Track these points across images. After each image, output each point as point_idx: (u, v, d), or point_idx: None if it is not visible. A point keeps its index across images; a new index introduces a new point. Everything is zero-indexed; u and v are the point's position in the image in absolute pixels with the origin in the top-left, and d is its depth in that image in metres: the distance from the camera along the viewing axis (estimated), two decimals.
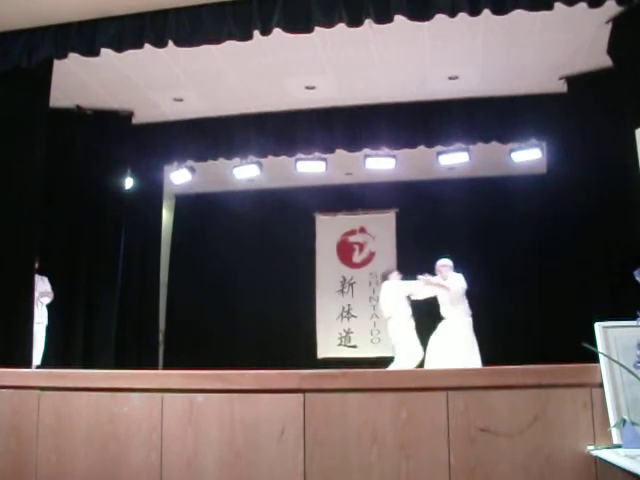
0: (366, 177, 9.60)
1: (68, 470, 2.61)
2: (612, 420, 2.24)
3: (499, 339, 8.66)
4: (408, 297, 7.85)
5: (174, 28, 5.50)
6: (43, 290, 6.79)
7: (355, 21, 5.22)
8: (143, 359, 8.27)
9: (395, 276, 8.09)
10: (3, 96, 5.97)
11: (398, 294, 7.85)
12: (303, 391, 2.48)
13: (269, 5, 5.31)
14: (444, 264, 7.62)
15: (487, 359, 6.98)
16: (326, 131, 7.97)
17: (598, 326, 2.36)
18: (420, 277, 7.59)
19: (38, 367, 6.28)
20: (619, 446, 2.18)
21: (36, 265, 6.30)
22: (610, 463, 2.07)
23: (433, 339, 7.44)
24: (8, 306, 5.67)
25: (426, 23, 5.37)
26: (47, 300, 6.89)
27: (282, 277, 10.19)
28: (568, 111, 7.24)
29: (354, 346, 10.22)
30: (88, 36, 5.67)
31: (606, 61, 6.26)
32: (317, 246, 10.56)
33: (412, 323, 7.81)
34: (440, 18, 5.12)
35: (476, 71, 7.12)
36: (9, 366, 3.36)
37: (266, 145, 8.15)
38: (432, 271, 7.74)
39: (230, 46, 5.72)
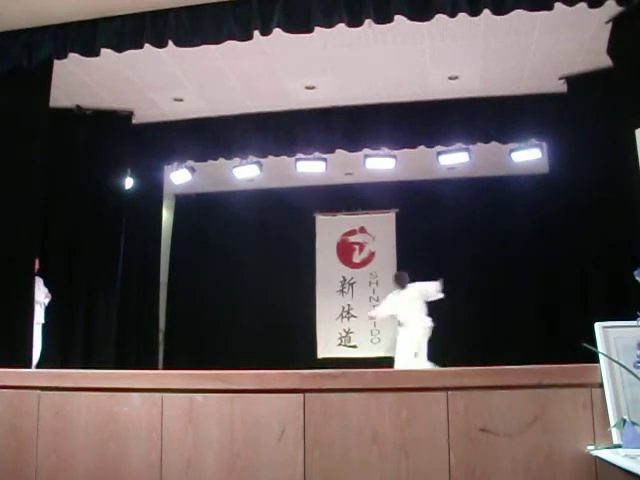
0: (366, 177, 9.60)
1: (68, 470, 2.61)
2: (612, 420, 2.23)
3: (499, 338, 8.67)
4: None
5: (174, 28, 5.50)
6: (46, 291, 6.79)
7: (355, 21, 5.22)
8: (143, 359, 8.26)
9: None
10: (3, 96, 5.97)
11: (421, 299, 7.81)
12: (303, 391, 2.47)
13: (269, 5, 5.31)
14: None
15: (487, 359, 6.97)
16: (326, 131, 7.97)
17: (598, 326, 2.35)
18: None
19: (36, 367, 6.27)
20: (619, 446, 2.18)
21: (37, 266, 6.29)
22: (610, 463, 2.06)
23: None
24: (8, 306, 5.66)
25: (426, 23, 5.37)
26: (47, 301, 6.89)
27: (282, 277, 10.19)
28: (568, 111, 7.24)
29: (354, 346, 10.21)
30: (88, 36, 5.67)
31: (606, 61, 6.26)
32: (317, 246, 10.56)
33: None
34: (440, 18, 5.12)
35: (476, 71, 7.12)
36: (9, 366, 3.35)
37: (266, 145, 8.14)
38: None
39: (230, 46, 5.72)
